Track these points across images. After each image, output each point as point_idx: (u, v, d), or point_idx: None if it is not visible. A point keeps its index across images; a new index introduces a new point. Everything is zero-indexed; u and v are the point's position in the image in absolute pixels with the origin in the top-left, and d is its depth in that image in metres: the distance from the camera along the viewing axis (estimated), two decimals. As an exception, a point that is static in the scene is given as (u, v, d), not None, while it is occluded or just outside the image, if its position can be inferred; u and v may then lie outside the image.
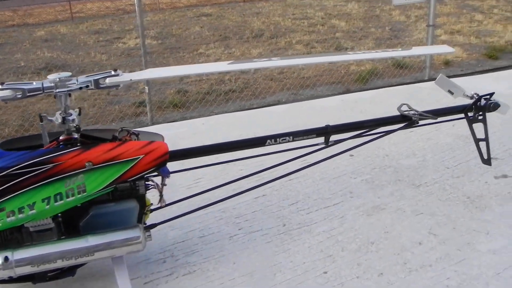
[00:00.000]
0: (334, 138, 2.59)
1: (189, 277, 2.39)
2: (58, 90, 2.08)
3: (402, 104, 2.74)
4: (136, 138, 2.24)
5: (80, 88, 2.10)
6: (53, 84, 2.08)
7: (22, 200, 2.00)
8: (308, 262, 2.44)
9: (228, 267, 2.44)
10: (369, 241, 2.56)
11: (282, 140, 2.47)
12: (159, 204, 2.34)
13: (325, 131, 2.54)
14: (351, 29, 11.25)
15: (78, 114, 2.20)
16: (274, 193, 3.07)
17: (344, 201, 2.94)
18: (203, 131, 4.12)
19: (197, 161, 2.54)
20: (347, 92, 7.05)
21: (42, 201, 2.02)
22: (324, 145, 2.58)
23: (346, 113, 4.26)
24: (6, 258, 2.00)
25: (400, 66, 7.95)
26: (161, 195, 2.33)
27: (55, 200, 2.03)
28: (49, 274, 2.19)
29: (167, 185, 2.57)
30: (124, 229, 2.17)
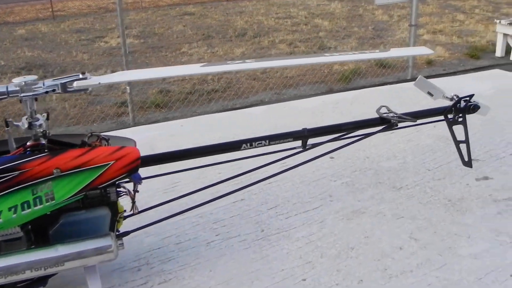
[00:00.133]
0: (312, 142, 2.53)
1: (164, 286, 2.32)
2: (24, 94, 1.99)
3: (381, 106, 2.69)
4: (107, 144, 2.16)
5: (46, 92, 2.02)
6: (18, 88, 1.99)
7: None
8: (287, 269, 2.38)
9: (204, 275, 2.37)
10: (349, 247, 2.51)
11: (258, 144, 2.41)
12: (132, 211, 2.27)
13: (302, 135, 2.49)
14: (334, 29, 11.24)
15: (46, 119, 2.11)
16: (253, 197, 3.00)
17: (324, 205, 2.89)
18: (182, 133, 4.05)
19: (175, 165, 2.47)
20: (330, 92, 7.04)
21: (9, 210, 1.94)
22: (302, 149, 2.52)
23: (327, 115, 4.21)
24: None
25: (383, 66, 7.95)
26: (134, 202, 2.25)
27: (22, 209, 1.95)
28: (19, 285, 2.11)
29: (144, 190, 2.49)
30: (95, 238, 2.09)
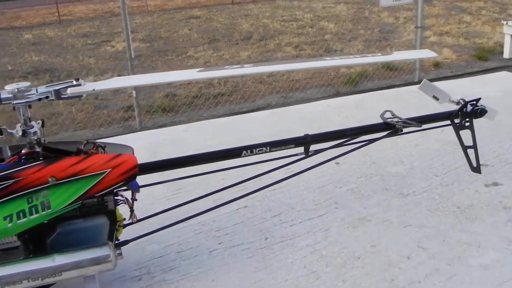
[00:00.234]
0: (315, 148, 2.47)
1: (166, 296, 2.27)
2: (17, 102, 1.95)
3: (386, 111, 2.63)
4: (103, 151, 2.12)
5: (40, 99, 1.98)
6: (11, 95, 1.95)
7: None
8: (291, 279, 2.32)
9: (207, 285, 2.32)
10: (355, 256, 2.44)
11: (259, 151, 2.35)
12: (131, 220, 2.22)
13: (304, 141, 2.43)
14: (340, 31, 11.18)
15: (41, 126, 2.07)
16: (257, 204, 2.95)
17: (329, 213, 2.82)
18: (185, 139, 4.00)
19: (177, 172, 2.42)
20: (337, 95, 6.99)
21: (4, 219, 1.90)
22: (304, 155, 2.47)
23: (332, 119, 4.14)
24: None
25: (390, 68, 7.88)
26: (132, 211, 2.21)
27: (18, 218, 1.92)
28: None
29: (145, 197, 2.45)
30: (93, 247, 2.05)
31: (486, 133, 3.58)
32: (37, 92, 1.99)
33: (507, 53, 8.48)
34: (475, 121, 2.73)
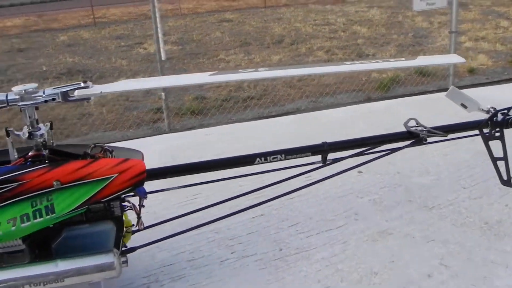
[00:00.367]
0: (334, 156, 2.36)
1: (173, 307, 2.20)
2: (23, 103, 1.92)
3: (410, 119, 2.50)
4: (111, 155, 2.06)
5: (46, 101, 1.94)
6: (18, 97, 1.92)
7: None
8: (304, 294, 2.22)
9: (215, 297, 2.24)
10: (372, 271, 2.32)
11: (273, 159, 2.25)
12: (137, 227, 2.16)
13: (322, 149, 2.32)
14: (373, 36, 10.98)
15: (50, 129, 2.03)
16: (273, 213, 2.85)
17: (348, 224, 2.71)
18: (207, 142, 3.94)
19: (195, 177, 2.33)
20: (367, 101, 6.84)
21: (8, 222, 1.87)
22: (322, 164, 2.36)
23: (357, 125, 4.01)
24: None
25: (423, 74, 7.65)
26: (139, 218, 2.15)
27: (22, 221, 1.88)
28: None
29: (160, 202, 2.37)
30: (97, 254, 1.99)
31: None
32: (44, 94, 1.95)
33: (547, 60, 8.14)
34: (506, 132, 2.56)
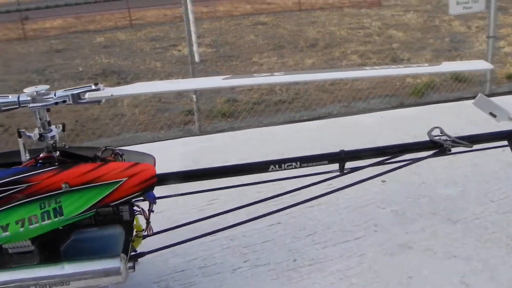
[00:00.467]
0: (353, 165, 2.28)
1: (180, 315, 2.17)
2: (34, 105, 1.92)
3: (434, 128, 2.40)
4: (121, 159, 2.04)
5: (56, 103, 1.94)
6: (30, 98, 1.92)
7: None
8: (314, 307, 2.15)
9: (224, 306, 2.19)
10: (388, 287, 2.22)
11: (288, 166, 2.20)
12: (146, 232, 2.13)
13: (339, 157, 2.25)
14: (409, 40, 10.77)
15: (62, 130, 2.03)
16: (291, 221, 2.79)
17: (367, 236, 2.62)
18: (231, 146, 3.90)
19: (212, 182, 2.31)
20: (400, 106, 6.69)
21: (16, 223, 1.88)
22: (339, 173, 2.28)
23: (384, 132, 3.90)
24: None
25: (459, 80, 7.44)
26: (148, 223, 2.13)
27: (30, 223, 1.89)
28: None
29: (177, 207, 2.34)
30: (104, 258, 1.99)
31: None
32: (55, 96, 1.95)
33: None
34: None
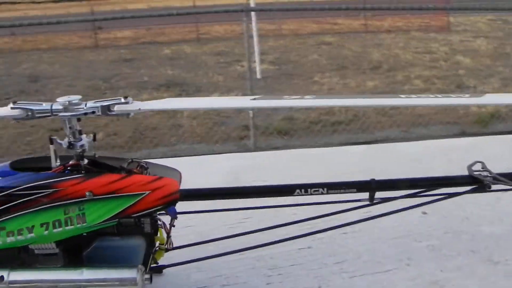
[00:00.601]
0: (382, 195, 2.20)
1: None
2: (64, 114, 1.98)
3: (476, 162, 2.26)
4: (145, 172, 2.06)
5: (86, 114, 1.98)
6: (62, 107, 1.98)
7: (22, 222, 1.94)
8: None
9: (239, 330, 2.15)
10: (413, 327, 2.11)
11: (314, 192, 2.15)
12: (166, 246, 2.14)
13: (368, 186, 2.17)
14: (476, 67, 10.38)
15: (93, 140, 2.08)
16: (321, 247, 2.71)
17: (398, 269, 2.50)
18: (271, 166, 3.86)
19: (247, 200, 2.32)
20: (462, 135, 6.47)
21: (41, 226, 1.95)
22: (369, 203, 2.20)
23: (432, 163, 3.73)
24: (2, 278, 1.97)
25: (528, 111, 7.08)
26: (169, 237, 2.13)
27: (54, 227, 1.95)
28: None
29: (208, 222, 2.49)
30: (121, 268, 2.02)
31: None
32: (86, 107, 2.00)
33: None
34: None
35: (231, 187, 2.27)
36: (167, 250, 2.19)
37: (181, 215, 2.36)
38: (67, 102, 1.98)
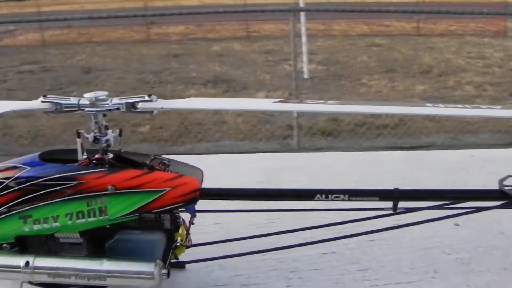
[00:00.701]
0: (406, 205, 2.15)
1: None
2: (90, 109, 2.03)
3: (508, 177, 2.16)
4: (167, 169, 2.09)
5: (110, 110, 2.03)
6: (88, 103, 2.03)
7: (47, 211, 2.02)
8: None
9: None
10: None
11: (335, 198, 2.11)
12: (185, 243, 2.16)
13: (392, 195, 2.12)
14: (533, 74, 9.98)
15: (119, 135, 2.12)
16: (346, 253, 2.66)
17: (423, 281, 2.42)
18: (301, 168, 3.82)
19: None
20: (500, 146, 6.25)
21: (65, 216, 2.01)
22: (392, 212, 2.15)
23: (470, 173, 3.59)
24: (27, 263, 2.03)
25: None
26: (188, 234, 2.15)
27: (77, 218, 2.01)
28: None
29: (236, 221, 2.52)
30: (140, 261, 2.05)
31: None
32: (111, 103, 2.04)
33: None
34: None
35: (252, 189, 2.26)
36: (188, 247, 2.21)
37: (211, 213, 2.40)
38: (94, 98, 2.03)
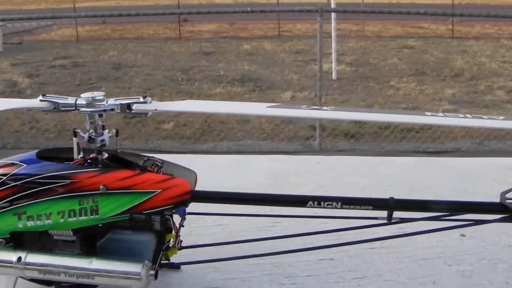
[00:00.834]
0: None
1: None
2: (86, 109, 2.06)
3: (510, 190, 2.09)
4: (159, 171, 2.10)
5: (105, 111, 2.04)
6: (84, 103, 2.05)
7: (41, 208, 2.04)
8: None
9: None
10: None
11: (327, 205, 2.08)
12: (174, 245, 2.16)
13: (386, 205, 2.07)
14: None
15: (115, 135, 2.14)
16: (344, 260, 2.61)
17: (420, 292, 2.37)
18: (312, 171, 3.78)
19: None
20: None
21: (57, 214, 2.04)
22: (386, 221, 2.10)
23: (483, 182, 3.49)
24: (19, 259, 2.07)
25: None
26: (177, 236, 2.14)
27: (69, 216, 2.04)
28: None
29: (237, 223, 2.50)
30: (128, 262, 2.06)
31: None
32: (106, 104, 2.05)
33: None
34: None
35: (243, 193, 2.25)
36: (179, 249, 2.21)
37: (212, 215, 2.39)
38: (91, 98, 2.05)
